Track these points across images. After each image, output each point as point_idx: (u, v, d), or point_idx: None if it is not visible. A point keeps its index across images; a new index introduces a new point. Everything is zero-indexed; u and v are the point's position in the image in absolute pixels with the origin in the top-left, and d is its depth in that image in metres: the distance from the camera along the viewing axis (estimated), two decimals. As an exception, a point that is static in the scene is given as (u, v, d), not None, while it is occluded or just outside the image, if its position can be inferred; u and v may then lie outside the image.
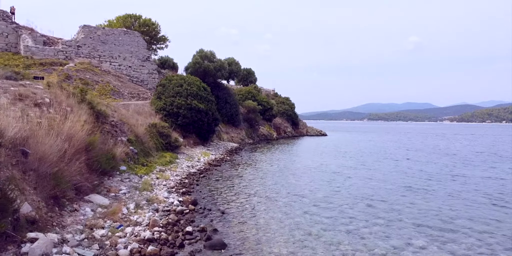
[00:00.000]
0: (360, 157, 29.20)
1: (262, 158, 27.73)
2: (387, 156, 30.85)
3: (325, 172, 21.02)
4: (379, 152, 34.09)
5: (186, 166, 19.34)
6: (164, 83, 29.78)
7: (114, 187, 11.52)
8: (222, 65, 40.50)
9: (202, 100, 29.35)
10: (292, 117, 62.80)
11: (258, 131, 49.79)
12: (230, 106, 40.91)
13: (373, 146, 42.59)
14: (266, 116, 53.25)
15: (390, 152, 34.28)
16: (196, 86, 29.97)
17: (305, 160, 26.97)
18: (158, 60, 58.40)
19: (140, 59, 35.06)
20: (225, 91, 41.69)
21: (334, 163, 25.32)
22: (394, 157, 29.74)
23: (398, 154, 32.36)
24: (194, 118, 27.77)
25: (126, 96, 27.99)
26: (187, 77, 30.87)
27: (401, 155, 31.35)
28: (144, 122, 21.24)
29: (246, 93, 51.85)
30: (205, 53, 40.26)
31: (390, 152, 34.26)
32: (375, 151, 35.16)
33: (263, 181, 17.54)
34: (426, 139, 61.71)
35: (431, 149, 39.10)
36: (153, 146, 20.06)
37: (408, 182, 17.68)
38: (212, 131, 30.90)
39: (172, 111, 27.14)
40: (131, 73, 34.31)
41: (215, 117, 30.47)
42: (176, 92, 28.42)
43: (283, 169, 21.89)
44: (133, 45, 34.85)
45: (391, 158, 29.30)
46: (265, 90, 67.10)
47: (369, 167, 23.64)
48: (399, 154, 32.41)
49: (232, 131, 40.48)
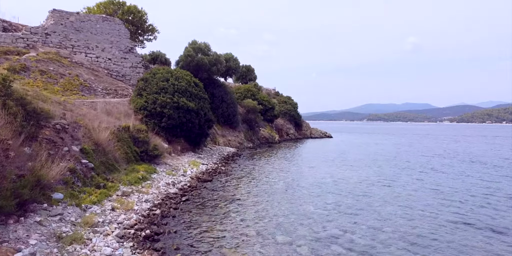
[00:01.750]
0: (377, 167, 24.29)
1: (264, 168, 22.85)
2: (406, 164, 25.91)
3: (346, 192, 16.14)
4: (395, 159, 29.19)
5: (164, 184, 14.44)
6: (147, 78, 24.90)
7: (13, 240, 6.62)
8: (218, 59, 35.63)
9: (192, 97, 24.49)
10: (295, 117, 57.97)
11: (259, 133, 44.93)
12: (227, 106, 36.05)
13: (384, 150, 37.68)
14: (267, 117, 48.39)
15: (406, 159, 29.37)
16: (186, 81, 25.10)
17: (316, 171, 22.09)
18: (149, 55, 53.49)
19: (121, 51, 30.14)
20: (221, 89, 36.84)
21: (351, 176, 20.44)
22: (414, 166, 24.81)
23: (417, 162, 27.42)
24: (182, 119, 22.90)
25: (99, 92, 23.09)
26: (175, 71, 25.98)
27: (422, 164, 26.40)
28: (114, 125, 16.36)
29: (245, 91, 47.02)
30: (199, 45, 35.39)
31: (407, 159, 29.33)
32: (389, 158, 30.27)
33: (269, 211, 12.64)
34: (437, 141, 56.87)
35: (451, 154, 34.21)
36: (122, 156, 15.17)
37: (457, 212, 12.72)
38: (204, 134, 26.03)
39: (155, 111, 22.26)
40: (111, 67, 29.40)
41: (208, 118, 25.60)
42: (160, 87, 23.54)
43: (292, 186, 16.99)
44: (114, 34, 29.94)
45: (412, 167, 24.35)
46: (265, 89, 62.27)
47: (394, 181, 18.80)
48: (418, 162, 27.49)
49: (229, 134, 35.60)
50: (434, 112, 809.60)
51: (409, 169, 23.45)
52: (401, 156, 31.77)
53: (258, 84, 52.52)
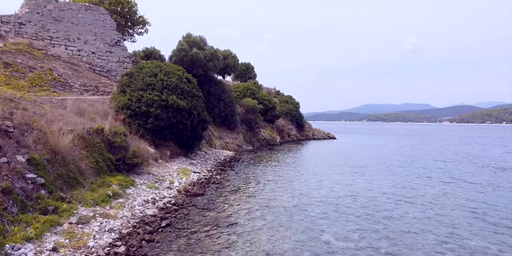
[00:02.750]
0: (391, 175, 21.25)
1: (265, 176, 19.85)
2: (422, 172, 22.83)
3: (368, 211, 13.14)
4: (408, 165, 26.13)
5: (142, 202, 11.42)
6: (132, 72, 21.89)
7: None
8: (215, 54, 32.63)
9: (184, 95, 21.49)
10: (297, 118, 54.99)
11: (259, 134, 41.93)
12: (224, 105, 33.05)
13: (392, 154, 34.64)
14: (268, 117, 45.39)
15: (420, 165, 26.27)
16: (177, 77, 22.10)
17: (325, 181, 19.08)
18: (143, 51, 50.49)
19: (107, 44, 27.12)
20: (218, 86, 33.84)
21: (366, 187, 17.44)
22: (432, 174, 21.71)
23: (434, 168, 24.29)
24: (172, 120, 19.89)
25: (76, 88, 20.08)
26: (164, 65, 22.97)
27: (439, 171, 23.26)
28: (83, 127, 13.36)
29: (244, 90, 44.02)
30: (194, 38, 32.40)
31: (421, 165, 26.22)
32: (401, 163, 27.19)
33: (276, 244, 9.64)
34: (444, 143, 53.89)
35: (466, 158, 31.19)
36: (91, 166, 12.16)
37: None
38: (197, 137, 23.00)
39: (140, 110, 19.25)
40: (95, 61, 26.37)
41: (202, 118, 22.60)
42: (147, 83, 20.53)
43: (301, 203, 13.96)
44: (98, 25, 26.92)
45: (430, 175, 21.26)
46: (266, 88, 59.29)
47: (419, 196, 15.84)
48: (434, 168, 24.38)
49: (226, 136, 32.60)
50: (433, 113, 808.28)
51: (428, 178, 20.32)
52: (412, 160, 28.72)
53: (258, 83, 49.56)
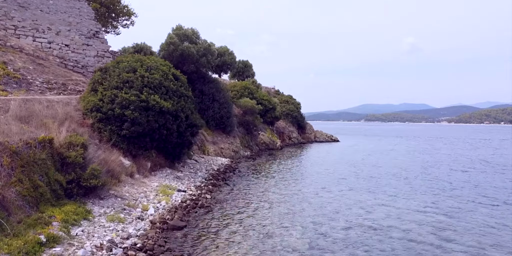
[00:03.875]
0: (419, 193, 17.71)
1: (266, 195, 16.33)
2: (453, 188, 19.24)
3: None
4: (432, 178, 22.46)
5: (90, 250, 7.85)
6: (107, 67, 18.33)
7: None
8: (209, 49, 29.11)
9: (169, 95, 17.97)
10: (298, 119, 51.53)
11: (257, 138, 38.44)
12: (219, 106, 29.53)
13: (405, 162, 31.06)
14: (268, 119, 41.90)
15: (445, 177, 22.45)
16: (161, 73, 18.56)
17: (341, 202, 15.55)
18: (133, 47, 46.93)
19: (83, 35, 23.55)
20: (213, 85, 30.32)
21: (398, 214, 13.93)
22: (465, 193, 17.93)
23: (463, 183, 20.64)
24: (153, 125, 16.35)
25: (37, 86, 16.51)
26: (147, 59, 19.40)
27: (472, 188, 19.62)
28: (21, 138, 9.81)
29: (242, 89, 40.51)
30: (185, 31, 28.86)
31: (446, 177, 22.32)
32: (421, 175, 23.47)
33: None
34: (453, 147, 50.53)
35: (493, 168, 27.72)
36: (24, 195, 8.60)
37: None
38: (186, 143, 19.44)
39: (113, 113, 15.70)
40: (68, 55, 22.80)
41: (191, 122, 19.08)
42: (123, 80, 16.99)
43: (318, 244, 10.43)
44: (73, 14, 23.34)
45: (466, 194, 17.56)
46: (265, 88, 55.77)
47: (473, 227, 12.39)
48: (463, 183, 20.77)
49: (221, 140, 29.06)
50: (431, 113, 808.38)
51: (459, 197, 16.43)
52: (429, 171, 25.10)
53: (257, 81, 46.06)
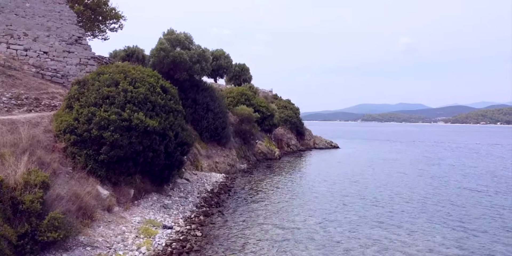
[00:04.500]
0: (439, 225, 15.78)
1: (265, 228, 14.34)
2: (477, 215, 17.24)
3: None
4: (449, 202, 20.27)
5: None
6: (86, 80, 16.27)
7: None
8: (203, 55, 27.08)
9: (156, 111, 15.96)
10: (297, 125, 49.59)
11: (255, 147, 36.47)
12: (213, 116, 27.51)
13: (413, 176, 29.09)
14: (265, 126, 39.92)
15: (465, 202, 20.08)
16: (148, 86, 16.53)
17: (354, 240, 13.60)
18: (124, 50, 44.86)
19: (64, 41, 21.45)
20: (207, 93, 28.29)
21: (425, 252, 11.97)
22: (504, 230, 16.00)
23: (490, 212, 18.50)
24: (137, 147, 14.33)
25: (3, 103, 14.42)
26: (132, 69, 17.34)
27: (503, 219, 17.63)
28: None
29: (238, 95, 38.50)
30: (177, 36, 26.81)
31: (467, 203, 19.85)
32: (436, 198, 21.37)
33: None
34: (461, 155, 48.83)
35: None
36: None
37: None
38: (175, 164, 17.40)
39: (90, 135, 13.65)
40: (47, 63, 20.71)
41: (181, 141, 17.07)
42: (103, 96, 14.96)
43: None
44: (53, 18, 21.25)
45: (500, 234, 15.45)
46: (262, 92, 53.84)
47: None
48: (490, 211, 18.66)
49: (216, 154, 27.05)
50: (428, 113, 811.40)
51: (490, 237, 14.38)
52: (442, 192, 22.59)
53: (254, 86, 44.06)
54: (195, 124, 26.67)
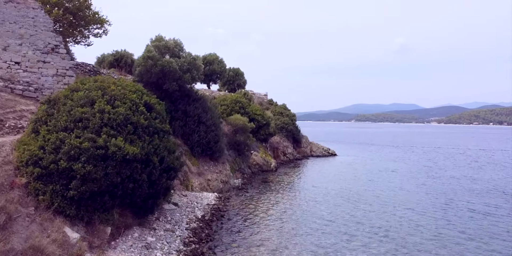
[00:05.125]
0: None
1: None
2: (492, 245, 15.69)
3: None
4: (460, 224, 18.86)
5: None
6: (57, 98, 14.24)
7: None
8: (194, 63, 25.08)
9: (138, 133, 13.97)
10: (294, 132, 47.75)
11: (250, 159, 34.55)
12: (205, 129, 25.51)
13: (416, 194, 27.48)
14: (261, 136, 38.02)
15: (478, 227, 18.72)
16: (129, 104, 14.52)
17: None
18: (112, 55, 42.70)
19: (39, 50, 19.35)
20: (199, 104, 26.30)
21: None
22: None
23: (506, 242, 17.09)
24: (114, 179, 12.34)
25: (-44, 128, 12.35)
26: (111, 84, 15.30)
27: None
28: None
29: (232, 103, 36.54)
30: (166, 42, 24.77)
31: (480, 230, 18.62)
32: (444, 222, 19.99)
33: None
34: (463, 164, 47.41)
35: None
36: None
37: None
38: (161, 192, 15.42)
39: (57, 168, 11.63)
40: (20, 75, 18.61)
41: (167, 166, 15.11)
42: (75, 118, 12.96)
43: None
44: (26, 24, 19.14)
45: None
46: (257, 96, 51.95)
47: None
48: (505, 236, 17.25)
49: (208, 170, 25.07)
50: (421, 113, 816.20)
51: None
52: (450, 214, 21.04)
53: (249, 93, 42.12)
54: (186, 138, 24.69)
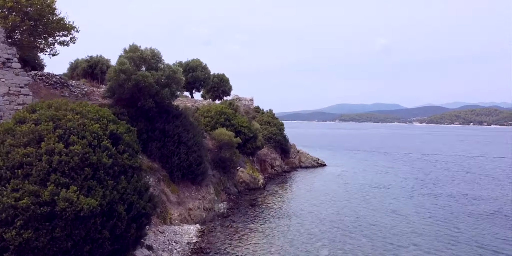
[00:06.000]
0: None
1: None
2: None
3: None
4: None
5: None
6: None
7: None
8: (173, 76, 22.30)
9: (98, 177, 11.23)
10: (282, 143, 45.35)
11: (236, 176, 31.95)
12: (187, 150, 22.76)
13: (412, 216, 25.49)
14: (248, 150, 35.45)
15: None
16: (89, 138, 11.76)
17: None
18: (86, 61, 39.42)
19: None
20: (179, 121, 23.52)
21: None
22: None
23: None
24: (63, 245, 9.60)
25: None
26: (68, 113, 12.45)
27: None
28: None
29: (217, 115, 33.85)
30: (141, 53, 21.88)
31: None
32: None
33: None
34: (458, 175, 45.90)
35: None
36: None
37: None
38: (130, 244, 12.69)
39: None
40: (-40, 96, 15.56)
41: (138, 213, 12.40)
42: (14, 164, 10.17)
43: None
44: (-31, 34, 16.08)
45: None
46: (242, 104, 49.35)
47: None
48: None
49: (190, 196, 22.35)
50: (403, 113, 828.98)
51: None
52: (457, 251, 19.31)
53: (235, 102, 39.46)
54: (164, 162, 21.90)
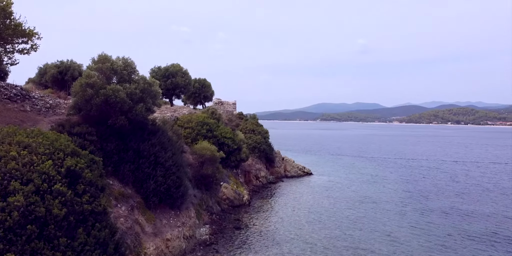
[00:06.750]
0: None
1: None
2: None
3: None
4: None
5: None
6: None
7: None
8: (148, 90, 19.84)
9: (47, 235, 8.80)
10: (267, 152, 43.27)
11: (219, 192, 29.69)
12: (164, 172, 20.34)
13: (422, 241, 23.97)
14: (232, 163, 33.23)
15: None
16: (38, 182, 9.34)
17: None
18: (56, 66, 36.28)
19: None
20: (156, 139, 21.07)
21: None
22: None
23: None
24: None
25: None
26: (12, 148, 9.95)
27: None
28: None
29: (198, 126, 31.47)
30: (112, 64, 19.29)
31: None
32: None
33: None
34: (450, 186, 45.00)
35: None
36: None
37: None
38: None
39: None
40: None
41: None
42: None
43: None
44: None
45: None
46: (225, 110, 47.08)
47: None
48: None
49: (168, 224, 19.96)
50: (383, 112, 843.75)
51: None
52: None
53: (217, 111, 37.06)
54: (138, 186, 19.42)
